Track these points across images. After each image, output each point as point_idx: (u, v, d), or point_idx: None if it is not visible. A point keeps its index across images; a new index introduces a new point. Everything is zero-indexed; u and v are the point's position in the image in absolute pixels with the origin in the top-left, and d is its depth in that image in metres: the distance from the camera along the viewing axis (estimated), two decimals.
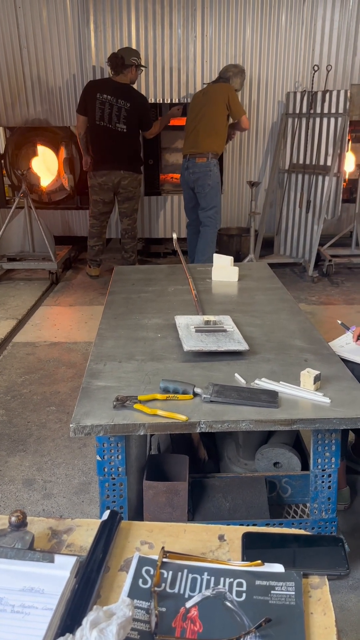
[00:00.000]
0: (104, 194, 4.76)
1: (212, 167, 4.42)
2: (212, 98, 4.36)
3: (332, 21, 5.04)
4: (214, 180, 4.46)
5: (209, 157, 4.40)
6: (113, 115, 4.54)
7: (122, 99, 4.52)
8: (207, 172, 4.42)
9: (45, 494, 2.24)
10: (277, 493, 1.94)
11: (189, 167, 4.48)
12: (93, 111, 4.55)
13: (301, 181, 5.02)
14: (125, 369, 1.84)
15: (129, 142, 4.66)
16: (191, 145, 4.47)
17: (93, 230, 4.94)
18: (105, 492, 1.69)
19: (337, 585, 1.77)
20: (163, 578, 0.85)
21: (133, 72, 4.55)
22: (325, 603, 0.82)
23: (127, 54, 4.49)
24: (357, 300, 4.47)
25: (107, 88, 4.53)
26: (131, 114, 4.57)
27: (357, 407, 1.60)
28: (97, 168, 4.69)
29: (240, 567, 0.87)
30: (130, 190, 4.77)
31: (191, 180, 4.52)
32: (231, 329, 2.08)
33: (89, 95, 4.56)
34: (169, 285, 2.77)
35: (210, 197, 4.50)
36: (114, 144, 4.60)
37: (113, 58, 4.48)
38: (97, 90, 4.54)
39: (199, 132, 4.40)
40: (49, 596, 0.80)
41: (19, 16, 5.00)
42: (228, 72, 4.43)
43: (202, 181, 4.45)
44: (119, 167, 4.65)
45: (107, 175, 4.66)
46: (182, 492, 1.74)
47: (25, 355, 3.50)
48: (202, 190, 4.49)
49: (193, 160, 4.44)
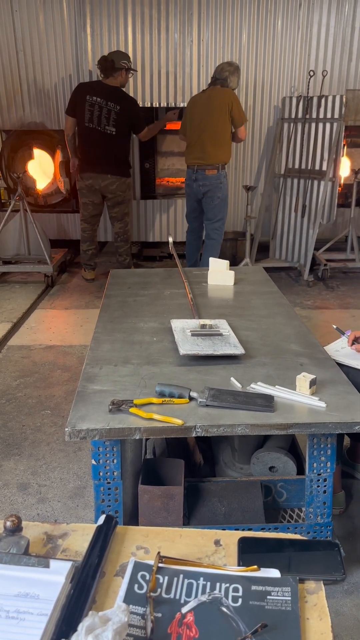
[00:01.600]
0: (92, 196, 4.76)
1: (222, 179, 4.39)
2: (215, 105, 4.28)
3: (328, 27, 5.06)
4: (224, 193, 4.45)
5: (219, 168, 4.35)
6: (102, 117, 4.55)
7: (112, 102, 4.52)
8: (218, 184, 4.38)
9: (40, 498, 2.23)
10: (273, 497, 1.94)
11: (198, 178, 4.40)
12: (82, 113, 4.55)
13: (297, 186, 5.03)
14: (121, 372, 1.84)
15: (117, 145, 4.66)
16: (198, 156, 4.39)
17: (85, 235, 4.94)
18: (101, 496, 1.69)
19: (333, 590, 1.77)
20: (159, 583, 0.85)
21: (123, 76, 4.55)
22: (322, 608, 0.82)
23: (117, 57, 4.49)
24: (352, 305, 4.48)
25: (97, 90, 4.53)
26: (121, 117, 4.56)
27: (353, 412, 1.60)
28: (84, 170, 4.69)
29: (236, 572, 0.87)
30: (119, 194, 4.76)
31: (200, 192, 4.46)
32: (227, 332, 2.08)
33: (78, 97, 4.56)
34: (165, 289, 2.77)
35: (219, 209, 4.49)
36: (102, 147, 4.60)
37: (103, 61, 4.48)
38: (87, 92, 4.54)
39: (205, 142, 4.33)
40: (44, 602, 0.79)
41: (16, 19, 5.00)
42: (224, 72, 4.34)
43: (212, 193, 4.42)
44: (106, 171, 4.64)
45: (94, 179, 4.66)
46: (177, 497, 1.73)
47: (21, 359, 3.49)
48: (211, 202, 4.46)
49: (202, 172, 4.37)
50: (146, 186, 5.52)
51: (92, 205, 4.80)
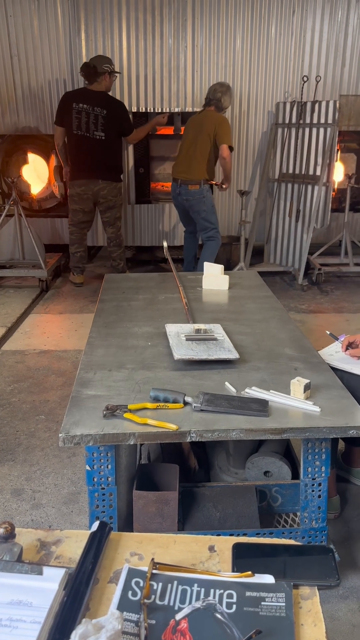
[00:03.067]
0: (84, 204, 4.76)
1: (205, 193, 4.48)
2: (206, 126, 4.42)
3: (322, 32, 5.10)
4: (208, 205, 4.53)
5: (201, 184, 4.44)
6: (90, 123, 4.55)
7: (98, 107, 4.53)
8: (201, 198, 4.47)
9: (34, 504, 2.22)
10: (268, 502, 1.94)
11: (182, 193, 4.51)
12: (70, 121, 4.56)
13: (291, 190, 5.05)
14: (116, 377, 1.84)
15: (106, 150, 4.66)
16: (182, 170, 4.50)
17: (73, 237, 4.93)
18: (95, 502, 1.68)
19: (328, 595, 1.77)
20: (153, 590, 0.84)
21: (107, 79, 4.56)
22: (316, 614, 0.82)
23: (98, 62, 4.51)
24: (346, 309, 4.50)
25: (83, 97, 4.55)
26: (109, 121, 4.58)
27: (347, 416, 1.60)
28: (75, 177, 4.70)
29: (231, 578, 0.86)
30: (110, 199, 4.76)
31: (185, 206, 4.59)
32: (221, 337, 2.08)
33: (65, 106, 4.57)
34: (159, 294, 2.77)
35: (208, 220, 4.57)
36: (92, 153, 4.61)
37: (85, 68, 4.50)
38: (72, 100, 4.55)
39: (192, 159, 4.44)
40: (38, 609, 0.79)
41: (10, 25, 5.01)
42: (217, 93, 4.47)
43: (196, 207, 4.52)
44: (97, 177, 4.65)
45: (86, 185, 4.67)
46: (172, 502, 1.73)
47: (15, 364, 3.48)
48: (198, 215, 4.56)
49: (185, 187, 4.47)
50: (141, 191, 5.53)
51: (82, 213, 4.81)
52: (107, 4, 4.92)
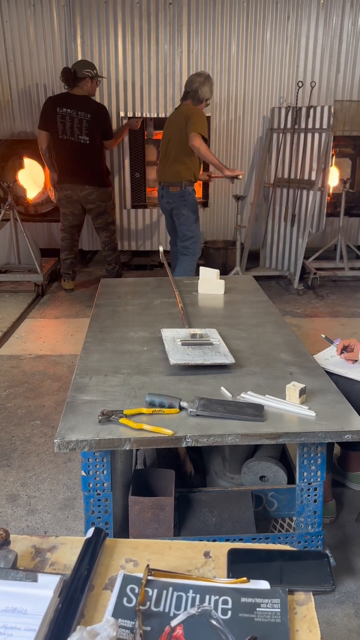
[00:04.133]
0: (72, 207, 4.75)
1: (186, 196, 4.26)
2: (176, 121, 4.20)
3: (316, 38, 5.13)
4: (189, 209, 4.29)
5: (182, 185, 4.24)
6: (75, 127, 4.55)
7: (82, 111, 4.53)
8: (182, 201, 4.28)
9: (29, 510, 2.21)
10: (264, 507, 1.94)
11: (164, 195, 4.37)
12: (55, 125, 4.55)
13: (286, 195, 5.07)
14: (111, 382, 1.84)
15: (92, 154, 4.65)
16: (163, 173, 4.34)
17: (63, 244, 4.92)
18: (90, 507, 1.68)
19: (324, 600, 1.76)
20: (148, 596, 0.84)
21: (89, 84, 4.54)
22: (311, 620, 0.82)
23: (79, 67, 4.50)
24: (342, 313, 4.51)
25: (66, 101, 4.54)
26: (92, 125, 4.57)
27: (342, 420, 1.60)
28: (61, 181, 4.69)
29: (226, 585, 0.86)
30: (100, 204, 4.74)
31: (167, 209, 4.43)
32: (217, 342, 2.08)
33: (48, 110, 4.56)
34: (155, 298, 2.77)
35: (186, 227, 4.33)
36: (77, 157, 4.60)
37: (65, 72, 4.49)
38: (56, 104, 4.55)
39: (169, 159, 4.28)
40: (32, 616, 0.78)
41: (6, 30, 5.02)
42: (194, 84, 4.18)
43: (177, 210, 4.34)
44: (83, 182, 4.64)
45: (72, 189, 4.66)
46: (168, 508, 1.73)
47: (10, 369, 3.47)
48: (178, 219, 4.37)
49: (167, 189, 4.31)
50: (136, 195, 5.54)
51: (72, 216, 4.80)
52: (103, 10, 4.94)
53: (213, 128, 5.35)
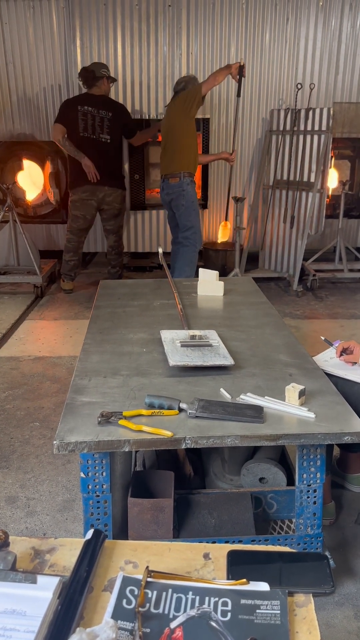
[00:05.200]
0: (86, 210, 4.73)
1: (184, 187, 4.35)
2: (172, 113, 4.33)
3: (315, 40, 5.14)
4: (188, 200, 4.38)
5: (181, 176, 4.34)
6: (96, 125, 4.55)
7: (103, 110, 4.54)
8: (180, 192, 4.37)
9: (28, 512, 2.21)
10: (263, 509, 1.94)
11: (164, 188, 4.46)
12: (76, 123, 4.53)
13: (285, 197, 5.07)
14: (110, 384, 1.84)
15: (112, 154, 4.67)
16: (163, 167, 4.46)
17: (69, 245, 4.88)
18: (90, 509, 1.67)
19: (323, 602, 1.76)
20: (147, 598, 0.84)
21: (105, 84, 4.57)
22: (311, 622, 0.81)
23: (96, 67, 4.53)
24: (341, 315, 4.51)
25: (87, 101, 4.54)
26: (114, 124, 4.58)
27: (342, 422, 1.60)
28: (80, 184, 4.65)
29: (225, 586, 0.86)
30: (116, 206, 4.76)
31: (167, 201, 4.50)
32: (216, 343, 2.08)
33: (69, 109, 4.55)
34: (154, 300, 2.77)
35: (185, 217, 4.43)
36: (98, 157, 4.58)
37: (84, 72, 4.51)
38: (77, 103, 4.55)
39: (168, 152, 4.39)
40: (31, 618, 0.78)
41: (5, 32, 5.02)
42: (181, 84, 4.36)
43: (176, 202, 4.42)
44: (103, 182, 4.63)
45: (91, 191, 4.64)
46: (167, 509, 1.72)
47: (9, 370, 3.46)
48: (177, 210, 4.45)
49: (167, 182, 4.41)
50: (136, 197, 5.54)
51: (83, 219, 4.78)
52: (102, 12, 4.94)
53: (212, 130, 5.35)
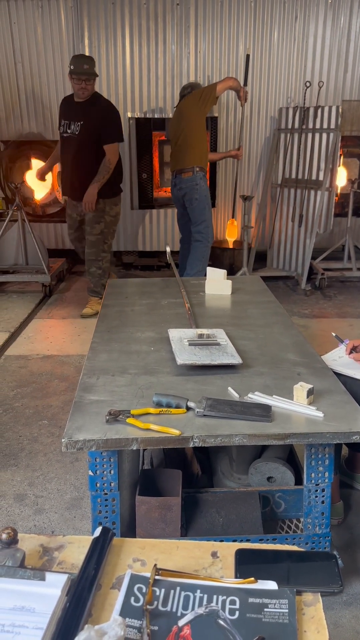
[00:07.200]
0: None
1: (198, 181, 4.37)
2: (183, 111, 4.34)
3: (324, 38, 5.11)
4: (201, 194, 4.40)
5: (194, 171, 4.35)
6: None
7: None
8: (194, 186, 4.37)
9: (36, 509, 2.22)
10: (271, 508, 1.93)
11: (177, 183, 4.45)
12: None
13: (293, 195, 5.06)
14: (118, 382, 1.84)
15: None
16: (175, 163, 4.47)
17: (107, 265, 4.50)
18: (98, 507, 1.68)
19: (331, 601, 1.76)
20: (155, 596, 0.84)
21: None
22: (319, 621, 0.81)
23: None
24: (350, 314, 4.49)
25: None
26: None
27: (350, 421, 1.60)
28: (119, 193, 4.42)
29: (233, 585, 0.86)
30: None
31: (179, 197, 4.49)
32: (224, 342, 2.08)
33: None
34: (162, 299, 2.77)
35: (199, 211, 4.44)
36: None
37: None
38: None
39: (179, 149, 4.39)
40: (40, 615, 0.79)
41: (14, 31, 5.04)
42: (187, 89, 4.42)
43: (189, 196, 4.42)
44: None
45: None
46: (175, 508, 1.72)
47: (18, 369, 3.48)
48: (190, 204, 4.45)
49: (180, 177, 4.41)
50: (144, 196, 5.54)
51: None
52: (110, 11, 4.95)
53: (220, 128, 5.35)
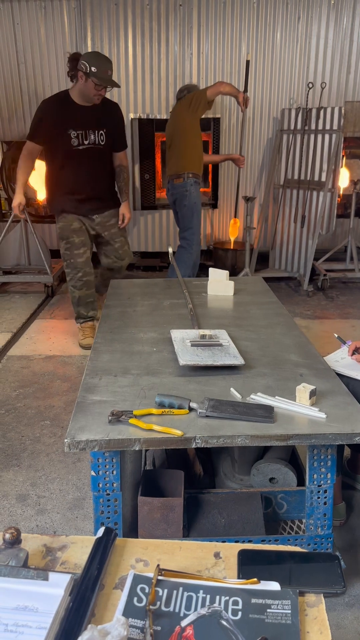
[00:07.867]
0: None
1: (188, 187, 4.31)
2: (177, 115, 4.31)
3: (327, 39, 5.12)
4: (190, 201, 4.33)
5: (185, 177, 4.30)
6: None
7: None
8: (184, 192, 4.33)
9: (39, 510, 2.22)
10: (273, 509, 1.93)
11: (169, 189, 4.44)
12: None
13: (296, 196, 5.06)
14: (121, 383, 1.84)
15: None
16: (169, 168, 4.45)
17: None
18: (100, 508, 1.68)
19: (333, 603, 1.76)
20: (158, 596, 0.84)
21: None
22: (322, 622, 0.81)
23: None
24: (352, 315, 4.49)
25: None
26: None
27: (353, 422, 1.59)
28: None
29: (236, 585, 0.86)
30: None
31: (172, 202, 4.48)
32: (227, 343, 2.08)
33: None
34: (164, 299, 2.77)
35: (186, 218, 4.38)
36: None
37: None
38: None
39: (172, 155, 4.37)
40: (43, 615, 0.79)
41: (17, 32, 5.05)
42: (183, 91, 4.39)
43: (179, 202, 4.39)
44: None
45: None
46: (177, 508, 1.73)
47: (20, 369, 3.48)
48: (180, 210, 4.42)
49: (172, 182, 4.38)
50: (146, 197, 5.55)
51: None
52: (113, 12, 4.96)
53: (223, 129, 5.35)
